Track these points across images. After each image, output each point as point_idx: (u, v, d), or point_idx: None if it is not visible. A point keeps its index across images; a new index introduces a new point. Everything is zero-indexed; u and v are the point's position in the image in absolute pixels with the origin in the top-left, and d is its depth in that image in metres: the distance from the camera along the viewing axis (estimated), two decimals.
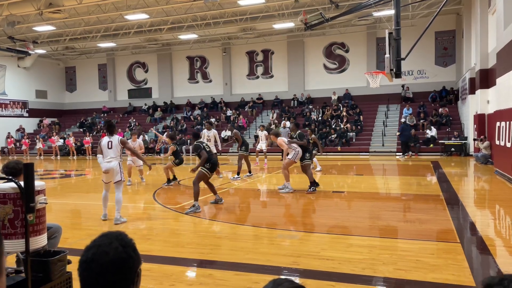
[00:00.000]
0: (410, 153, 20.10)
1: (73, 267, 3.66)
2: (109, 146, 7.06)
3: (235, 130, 13.89)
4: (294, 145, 9.77)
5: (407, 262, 4.61)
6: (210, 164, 8.00)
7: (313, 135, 13.51)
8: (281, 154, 15.18)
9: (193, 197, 7.81)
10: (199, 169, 7.95)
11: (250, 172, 13.04)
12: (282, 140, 9.99)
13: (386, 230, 6.18)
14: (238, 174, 12.42)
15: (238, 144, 13.04)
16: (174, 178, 11.74)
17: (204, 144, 8.09)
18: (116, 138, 7.12)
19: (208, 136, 12.64)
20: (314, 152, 13.66)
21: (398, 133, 20.77)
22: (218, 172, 11.86)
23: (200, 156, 7.94)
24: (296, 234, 6.12)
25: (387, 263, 4.58)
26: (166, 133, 25.94)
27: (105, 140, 7.15)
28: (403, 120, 21.31)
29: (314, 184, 9.80)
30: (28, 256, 3.04)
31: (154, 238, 6.00)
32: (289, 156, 9.78)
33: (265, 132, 16.86)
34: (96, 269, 1.35)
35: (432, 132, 21.07)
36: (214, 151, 11.48)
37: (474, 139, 17.78)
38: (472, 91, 18.23)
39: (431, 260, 4.67)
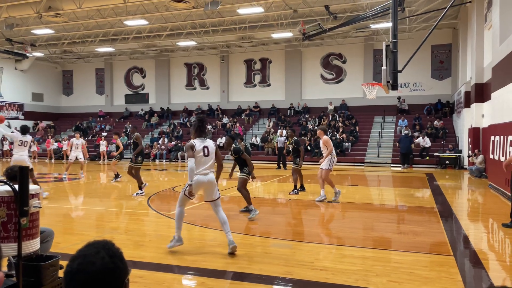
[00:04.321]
0: (406, 165, 20.28)
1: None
2: (206, 153, 5.35)
3: (136, 133, 11.16)
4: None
5: (401, 274, 4.60)
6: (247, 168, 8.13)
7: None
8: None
9: (247, 201, 8.00)
10: (240, 174, 8.14)
11: (141, 187, 10.92)
12: (329, 139, 9.64)
13: (379, 242, 6.19)
14: (140, 189, 10.77)
15: (136, 151, 10.92)
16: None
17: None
18: (211, 143, 5.47)
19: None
20: None
21: (398, 144, 20.92)
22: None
23: (243, 159, 8.04)
24: (290, 243, 6.11)
25: (380, 275, 4.58)
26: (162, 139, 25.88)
27: (199, 144, 5.30)
28: (406, 132, 21.56)
29: (296, 188, 10.84)
30: (20, 260, 3.02)
31: (147, 244, 5.96)
32: (324, 166, 9.51)
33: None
34: (82, 280, 1.31)
35: (425, 142, 21.06)
36: None
37: (469, 156, 17.84)
38: (467, 104, 18.39)
39: (424, 273, 4.67)
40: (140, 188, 10.72)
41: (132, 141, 11.29)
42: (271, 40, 26.81)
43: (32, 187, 3.27)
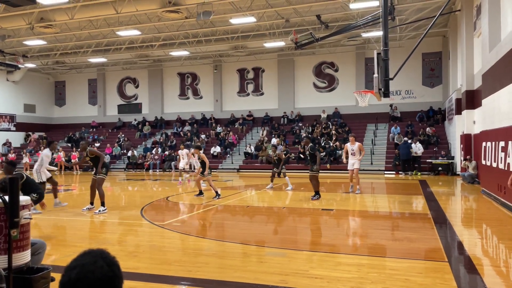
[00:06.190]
0: (410, 172, 20.39)
1: (56, 285, 3.57)
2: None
3: (89, 149, 10.07)
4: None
5: (396, 281, 4.59)
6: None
7: (277, 152, 14.56)
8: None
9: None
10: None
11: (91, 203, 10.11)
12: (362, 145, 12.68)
13: (374, 249, 6.18)
14: (103, 205, 9.68)
15: (99, 165, 9.78)
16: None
17: None
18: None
19: None
20: (284, 170, 14.19)
21: (397, 151, 20.99)
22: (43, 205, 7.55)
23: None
24: (285, 252, 6.08)
25: (375, 282, 4.57)
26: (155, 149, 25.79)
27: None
28: (405, 139, 21.79)
29: (318, 193, 11.22)
30: (11, 273, 2.97)
31: (141, 255, 5.90)
32: (357, 166, 12.65)
33: (186, 151, 16.43)
34: None
35: (417, 148, 21.16)
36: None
37: (464, 159, 17.96)
38: (459, 111, 18.55)
39: (419, 279, 4.66)
40: (103, 204, 9.61)
41: (88, 157, 9.96)
42: (264, 50, 26.95)
43: (23, 198, 3.24)
